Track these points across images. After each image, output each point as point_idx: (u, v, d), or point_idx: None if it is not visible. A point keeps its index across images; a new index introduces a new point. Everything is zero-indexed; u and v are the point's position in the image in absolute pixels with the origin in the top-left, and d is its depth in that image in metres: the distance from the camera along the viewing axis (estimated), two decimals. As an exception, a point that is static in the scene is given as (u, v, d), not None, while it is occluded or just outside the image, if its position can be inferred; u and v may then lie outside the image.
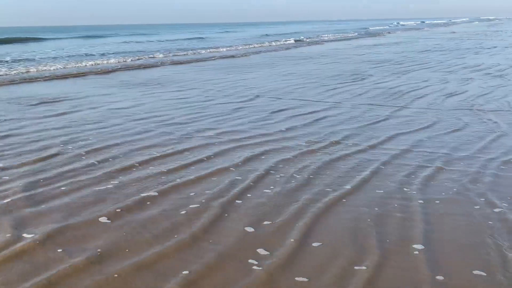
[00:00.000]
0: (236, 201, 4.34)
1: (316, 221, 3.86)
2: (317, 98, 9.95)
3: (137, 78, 14.30)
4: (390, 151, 5.86)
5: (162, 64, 18.95)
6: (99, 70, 16.98)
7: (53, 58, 23.49)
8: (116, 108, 9.18)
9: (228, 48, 29.19)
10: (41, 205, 4.31)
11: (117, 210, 4.17)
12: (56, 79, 14.73)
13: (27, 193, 4.62)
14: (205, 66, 17.83)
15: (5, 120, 8.33)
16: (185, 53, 25.91)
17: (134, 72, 16.58)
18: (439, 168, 5.12)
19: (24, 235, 3.69)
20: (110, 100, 10.23)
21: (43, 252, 3.42)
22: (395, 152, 5.78)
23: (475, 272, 3.03)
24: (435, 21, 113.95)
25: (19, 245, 3.51)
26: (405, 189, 4.53)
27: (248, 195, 4.50)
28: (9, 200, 4.45)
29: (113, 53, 26.02)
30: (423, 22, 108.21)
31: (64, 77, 15.06)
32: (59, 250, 3.43)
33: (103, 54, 25.47)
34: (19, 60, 21.76)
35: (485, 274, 3.00)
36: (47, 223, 3.92)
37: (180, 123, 7.68)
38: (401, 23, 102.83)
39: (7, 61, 21.29)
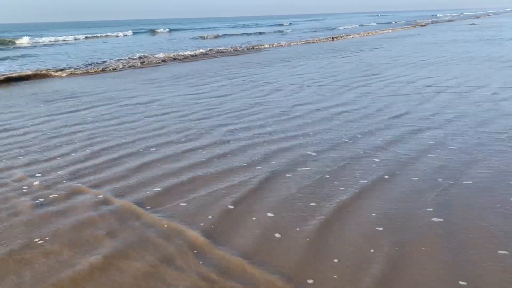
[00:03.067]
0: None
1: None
2: (338, 92, 9.67)
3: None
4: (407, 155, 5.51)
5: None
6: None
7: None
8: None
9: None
10: (55, 206, 4.27)
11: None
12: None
13: (45, 192, 4.57)
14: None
15: (24, 115, 8.48)
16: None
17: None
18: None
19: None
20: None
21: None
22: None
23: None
24: (473, 12, 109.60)
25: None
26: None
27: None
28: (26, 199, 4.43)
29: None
30: (462, 13, 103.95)
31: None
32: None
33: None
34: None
35: None
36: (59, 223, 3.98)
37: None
38: (439, 14, 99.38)
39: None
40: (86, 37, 43.19)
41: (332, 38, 30.33)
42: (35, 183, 4.78)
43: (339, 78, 11.68)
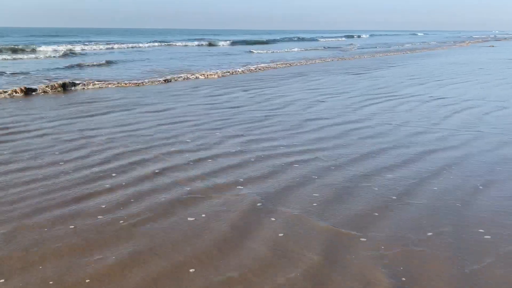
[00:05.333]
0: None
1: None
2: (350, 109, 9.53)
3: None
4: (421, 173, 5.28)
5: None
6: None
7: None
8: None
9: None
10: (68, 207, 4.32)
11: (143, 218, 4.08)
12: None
13: (57, 194, 4.61)
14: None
15: (41, 117, 8.53)
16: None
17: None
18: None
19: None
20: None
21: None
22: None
23: None
24: (504, 35, 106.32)
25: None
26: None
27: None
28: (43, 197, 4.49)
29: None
30: (495, 36, 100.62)
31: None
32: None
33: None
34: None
35: None
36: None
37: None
38: (475, 36, 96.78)
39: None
40: (162, 44, 42.77)
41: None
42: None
43: (356, 94, 11.54)
